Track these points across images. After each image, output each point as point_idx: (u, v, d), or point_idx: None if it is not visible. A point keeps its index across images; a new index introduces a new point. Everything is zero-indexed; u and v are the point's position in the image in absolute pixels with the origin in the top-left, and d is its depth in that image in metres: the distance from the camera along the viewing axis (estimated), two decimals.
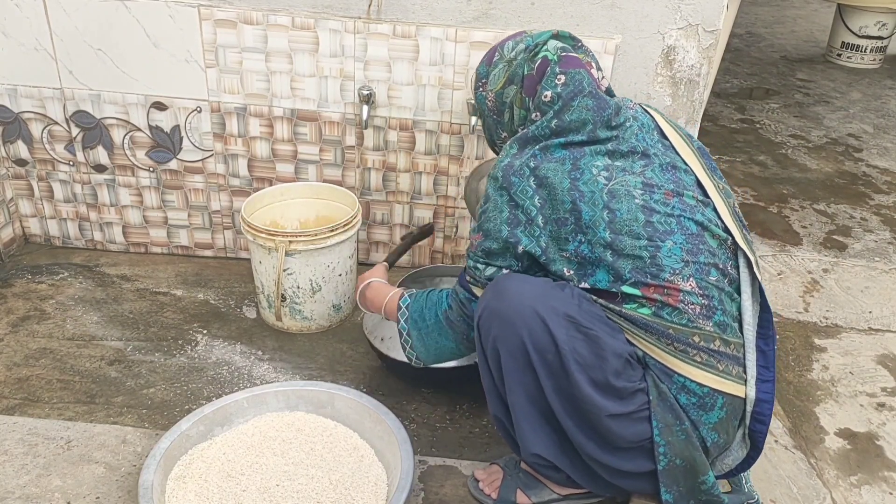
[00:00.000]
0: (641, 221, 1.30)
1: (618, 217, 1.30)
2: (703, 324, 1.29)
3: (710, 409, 1.31)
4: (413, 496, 1.55)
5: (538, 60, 1.42)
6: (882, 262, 2.61)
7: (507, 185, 1.35)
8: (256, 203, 2.09)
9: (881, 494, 1.65)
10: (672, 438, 1.30)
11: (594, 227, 1.30)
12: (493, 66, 1.49)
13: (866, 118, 4.15)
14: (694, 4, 1.95)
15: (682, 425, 1.30)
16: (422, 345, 1.54)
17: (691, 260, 1.30)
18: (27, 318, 2.07)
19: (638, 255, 1.29)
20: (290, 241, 1.91)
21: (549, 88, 1.39)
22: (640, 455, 1.33)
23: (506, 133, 1.51)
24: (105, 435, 1.67)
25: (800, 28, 6.34)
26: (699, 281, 1.30)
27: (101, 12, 2.04)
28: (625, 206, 1.30)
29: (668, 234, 1.30)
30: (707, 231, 1.34)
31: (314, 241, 1.93)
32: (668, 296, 1.28)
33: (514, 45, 1.47)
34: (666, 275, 1.28)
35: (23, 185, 2.32)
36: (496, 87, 1.48)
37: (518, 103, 1.46)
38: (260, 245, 1.95)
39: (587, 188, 1.31)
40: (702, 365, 1.29)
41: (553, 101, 1.38)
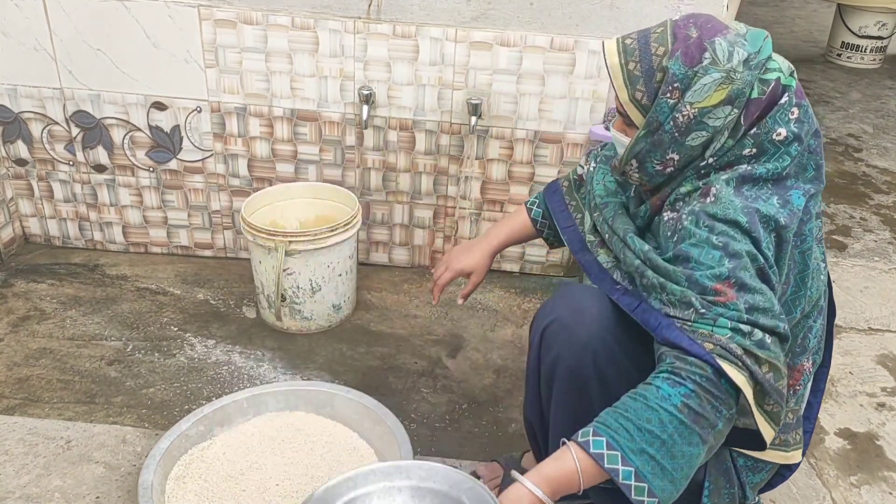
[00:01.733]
0: (818, 296, 1.18)
1: (810, 296, 1.16)
2: (791, 401, 1.23)
3: (759, 471, 1.29)
4: None
5: (770, 82, 1.12)
6: (882, 262, 2.61)
7: (757, 235, 1.07)
8: (256, 203, 2.09)
9: (881, 494, 1.65)
10: (718, 500, 1.25)
11: (792, 306, 1.14)
12: (700, 70, 1.11)
13: (866, 118, 4.15)
14: (694, 4, 1.95)
15: (731, 489, 1.26)
16: (662, 474, 1.00)
17: (820, 339, 1.22)
18: (27, 318, 2.07)
19: (795, 333, 1.17)
20: (290, 241, 1.91)
21: (782, 125, 1.11)
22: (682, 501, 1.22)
23: (678, 156, 1.15)
24: (105, 435, 1.67)
25: (799, 28, 6.34)
26: (813, 361, 1.23)
27: (101, 12, 2.04)
28: (815, 283, 1.16)
29: (820, 313, 1.20)
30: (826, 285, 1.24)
31: (314, 241, 1.93)
32: (789, 379, 1.17)
33: (731, 49, 1.11)
34: (801, 358, 1.19)
35: (23, 184, 2.32)
36: (703, 101, 1.10)
37: (731, 129, 1.13)
38: (260, 245, 1.95)
39: (801, 259, 1.13)
40: (780, 447, 1.25)
41: (786, 142, 1.12)
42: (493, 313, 2.20)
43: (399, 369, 1.94)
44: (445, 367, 1.96)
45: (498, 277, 2.37)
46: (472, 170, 2.21)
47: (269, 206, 2.14)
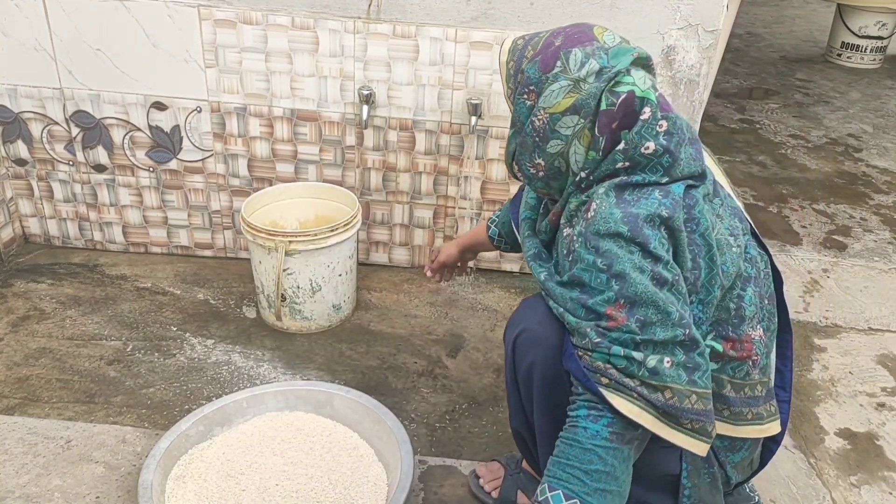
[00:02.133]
0: (737, 271, 1.19)
1: (725, 271, 1.17)
2: (754, 373, 1.23)
3: (738, 450, 1.29)
4: (413, 496, 1.55)
5: (621, 94, 1.14)
6: (881, 262, 2.61)
7: (643, 239, 1.09)
8: (256, 203, 2.09)
9: (881, 494, 1.65)
10: (698, 481, 1.27)
11: (709, 286, 1.16)
12: (551, 76, 1.16)
13: (866, 118, 4.15)
14: (694, 4, 1.95)
15: (710, 469, 1.27)
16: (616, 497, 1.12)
17: (759, 305, 1.23)
18: (27, 317, 2.07)
19: (727, 306, 1.19)
20: (289, 241, 1.91)
21: (650, 139, 1.14)
22: (665, 491, 1.28)
23: (542, 162, 1.21)
24: (104, 435, 1.67)
25: (799, 28, 6.34)
26: (763, 327, 1.24)
27: (101, 12, 2.04)
28: (728, 258, 1.18)
29: (748, 280, 1.21)
30: (761, 259, 1.27)
31: (314, 240, 1.93)
32: (741, 351, 1.20)
33: (585, 60, 1.15)
34: (744, 327, 1.20)
35: (23, 184, 2.32)
36: (552, 107, 1.16)
37: (584, 141, 1.17)
38: (260, 245, 1.95)
39: (703, 241, 1.15)
40: (753, 421, 1.25)
41: (657, 154, 1.14)
42: (493, 313, 2.20)
43: (399, 369, 1.94)
44: (445, 367, 1.96)
45: (498, 277, 2.37)
46: (472, 170, 2.22)
47: (268, 206, 2.14)
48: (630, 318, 1.08)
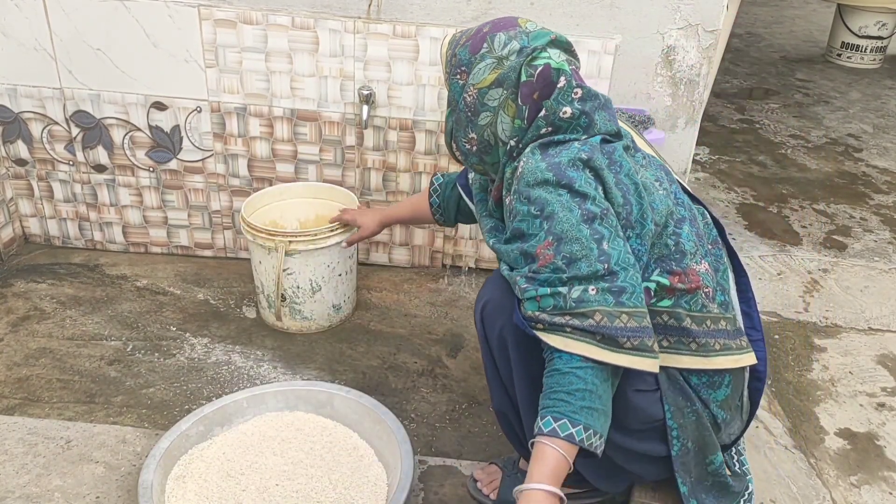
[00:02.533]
0: (669, 209, 1.30)
1: (656, 208, 1.28)
2: (712, 306, 1.31)
3: (717, 387, 1.33)
4: (413, 496, 1.55)
5: (538, 67, 1.28)
6: (882, 262, 2.61)
7: (567, 181, 1.20)
8: (256, 203, 2.09)
9: (881, 494, 1.65)
10: (683, 421, 1.31)
11: (643, 221, 1.26)
12: (478, 56, 1.32)
13: (866, 118, 4.15)
14: (694, 4, 1.95)
15: (692, 406, 1.32)
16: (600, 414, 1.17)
17: (699, 244, 1.32)
18: (27, 317, 2.07)
19: (665, 243, 1.28)
20: (290, 241, 1.91)
21: (567, 104, 1.27)
22: (654, 437, 1.33)
23: (475, 135, 1.35)
24: (105, 435, 1.67)
25: (799, 28, 6.34)
26: (708, 263, 1.33)
27: (101, 12, 2.04)
28: (656, 197, 1.29)
29: (682, 220, 1.31)
30: (698, 212, 1.38)
31: (314, 240, 1.93)
32: (689, 283, 1.28)
33: (507, 41, 1.31)
34: (686, 261, 1.29)
35: (23, 184, 2.32)
36: (480, 82, 1.31)
37: (509, 111, 1.31)
38: (260, 245, 1.95)
39: (629, 181, 1.27)
40: (722, 352, 1.31)
41: (574, 117, 1.28)
42: None
43: (399, 369, 1.94)
44: (445, 367, 1.96)
45: None
46: None
47: (268, 206, 2.14)
48: (557, 256, 1.18)
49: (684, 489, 1.35)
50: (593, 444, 1.15)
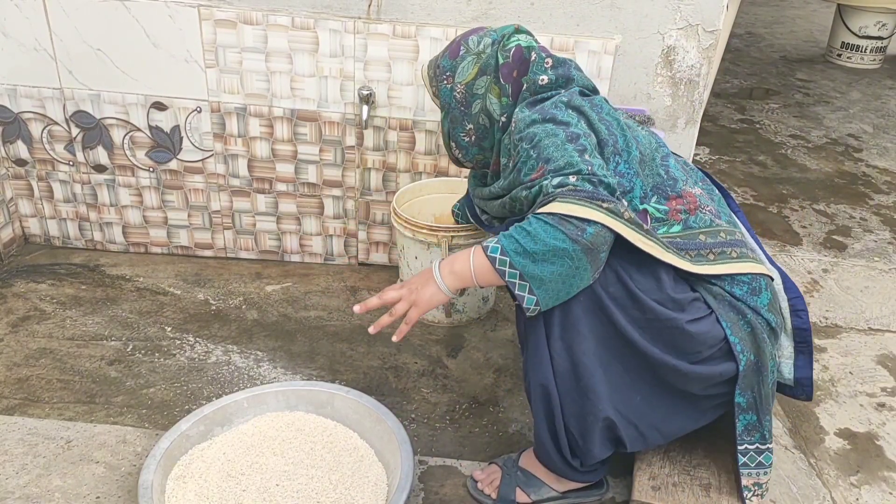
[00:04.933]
0: (654, 145, 1.46)
1: (640, 141, 1.43)
2: (719, 222, 1.43)
3: (759, 292, 1.40)
4: (413, 496, 1.55)
5: (511, 48, 1.50)
6: (882, 262, 2.61)
7: (551, 116, 1.37)
8: (400, 200, 2.12)
9: (881, 494, 1.65)
10: (742, 334, 1.37)
11: (628, 149, 1.40)
12: (459, 58, 1.53)
13: (866, 118, 4.15)
14: (694, 4, 1.95)
15: (745, 318, 1.38)
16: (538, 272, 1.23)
17: (687, 172, 1.49)
18: (27, 318, 2.07)
19: (657, 172, 1.42)
20: (451, 237, 1.94)
21: (542, 73, 1.46)
22: (723, 357, 1.37)
23: (471, 125, 1.55)
24: (105, 435, 1.67)
25: (799, 28, 6.34)
26: (701, 188, 1.47)
27: (101, 12, 2.04)
28: (639, 133, 1.45)
29: (668, 155, 1.48)
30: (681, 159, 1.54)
31: (475, 234, 1.95)
32: (688, 203, 1.40)
33: (480, 39, 1.54)
34: (680, 185, 1.42)
35: (23, 185, 2.32)
36: (465, 78, 1.53)
37: (494, 92, 1.51)
38: (420, 241, 1.98)
39: (611, 118, 1.42)
40: (739, 259, 1.40)
41: (552, 82, 1.46)
42: (494, 313, 2.20)
43: (399, 369, 1.94)
44: (446, 367, 1.96)
45: None
46: None
47: (408, 203, 2.16)
48: (547, 171, 1.30)
49: (741, 399, 1.40)
50: (496, 259, 1.25)
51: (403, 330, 1.36)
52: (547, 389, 1.38)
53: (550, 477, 1.53)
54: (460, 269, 1.32)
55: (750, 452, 1.44)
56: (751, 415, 1.42)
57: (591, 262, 1.24)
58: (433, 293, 1.34)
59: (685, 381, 1.38)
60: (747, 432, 1.43)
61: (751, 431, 1.43)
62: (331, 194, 2.28)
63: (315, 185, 2.27)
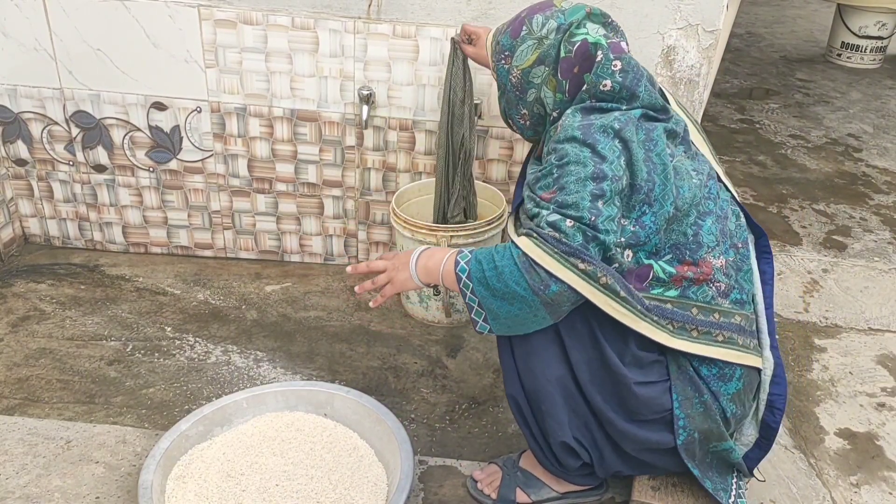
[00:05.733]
0: (696, 199, 1.33)
1: (681, 194, 1.30)
2: (722, 301, 1.35)
3: (728, 379, 1.36)
4: (413, 496, 1.55)
5: (576, 42, 1.36)
6: (882, 263, 2.61)
7: (592, 141, 1.26)
8: (400, 200, 2.12)
9: (881, 494, 1.65)
10: (691, 411, 1.34)
11: (662, 201, 1.28)
12: (519, 39, 1.40)
13: (866, 118, 4.15)
14: (694, 4, 1.95)
15: (701, 398, 1.34)
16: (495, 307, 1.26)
17: (721, 240, 1.36)
18: (27, 318, 2.07)
19: (684, 231, 1.31)
20: (451, 236, 1.93)
21: (606, 77, 1.34)
22: (664, 427, 1.35)
23: (526, 111, 1.45)
24: (105, 435, 1.67)
25: (799, 28, 6.34)
26: (727, 260, 1.36)
27: (101, 12, 2.04)
28: (686, 184, 1.32)
29: (707, 214, 1.35)
30: (731, 213, 1.42)
31: (473, 234, 1.95)
32: (700, 273, 1.31)
33: (545, 21, 1.39)
34: (703, 252, 1.32)
35: (23, 185, 2.32)
36: (523, 64, 1.40)
37: (550, 86, 1.40)
38: (419, 241, 1.97)
39: (659, 161, 1.29)
40: (724, 344, 1.34)
41: (615, 91, 1.33)
42: None
43: (399, 369, 1.94)
44: (445, 368, 1.96)
45: None
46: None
47: (408, 203, 2.16)
48: (552, 200, 1.25)
49: (696, 472, 1.38)
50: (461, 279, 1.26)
51: (379, 300, 1.42)
52: (518, 402, 1.42)
53: (550, 477, 1.53)
54: (432, 268, 1.34)
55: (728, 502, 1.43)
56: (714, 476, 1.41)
57: (551, 313, 1.24)
58: (406, 279, 1.38)
59: (619, 436, 1.36)
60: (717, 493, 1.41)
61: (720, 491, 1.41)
62: (331, 194, 2.28)
63: (315, 185, 2.27)
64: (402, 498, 1.39)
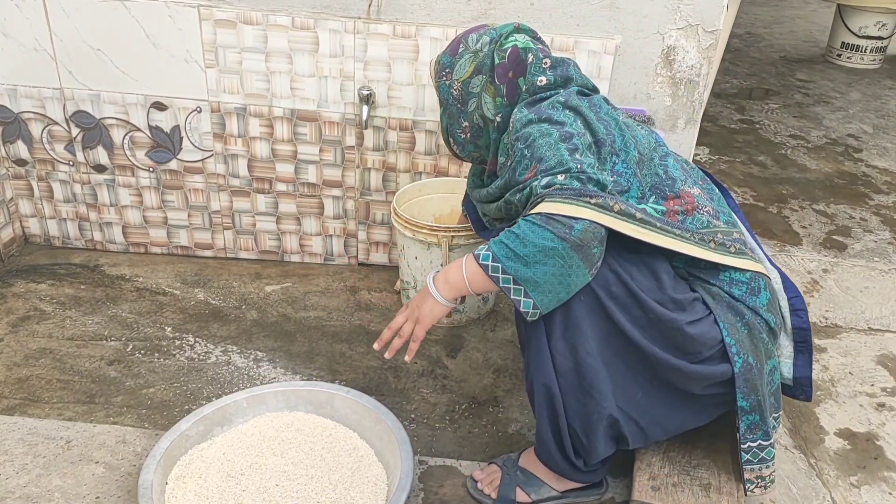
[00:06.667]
0: (651, 144, 1.46)
1: (639, 141, 1.43)
2: (717, 223, 1.42)
3: (758, 292, 1.41)
4: (413, 496, 1.55)
5: (507, 49, 1.49)
6: (882, 263, 2.61)
7: (547, 116, 1.38)
8: (400, 200, 2.12)
9: (881, 494, 1.65)
10: (739, 335, 1.38)
11: (626, 149, 1.40)
12: (458, 56, 1.54)
13: (866, 118, 4.15)
14: (694, 4, 1.95)
15: (743, 319, 1.39)
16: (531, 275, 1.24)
17: (687, 173, 1.48)
18: (27, 318, 2.07)
19: (655, 172, 1.42)
20: (451, 236, 1.94)
21: (540, 74, 1.46)
22: (720, 359, 1.38)
23: (467, 123, 1.56)
24: (105, 435, 1.67)
25: (799, 28, 6.34)
26: (700, 188, 1.47)
27: (101, 12, 2.04)
28: (638, 132, 1.46)
29: (667, 155, 1.48)
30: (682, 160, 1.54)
31: (473, 234, 1.95)
32: (686, 204, 1.40)
33: (479, 38, 1.54)
34: (678, 185, 1.42)
35: (23, 185, 2.32)
36: (462, 76, 1.53)
37: (489, 92, 1.51)
38: (420, 241, 1.97)
39: (609, 117, 1.42)
40: (737, 254, 1.41)
41: (551, 83, 1.46)
42: (493, 313, 2.20)
43: (399, 369, 1.94)
44: (445, 367, 1.96)
45: None
46: None
47: (409, 203, 2.16)
48: (538, 172, 1.31)
49: (744, 403, 1.39)
50: (489, 266, 1.27)
51: (413, 348, 1.42)
52: (550, 390, 1.39)
53: (550, 476, 1.53)
54: (454, 280, 1.35)
55: (753, 449, 1.44)
56: (754, 416, 1.42)
57: (584, 258, 1.24)
58: (432, 306, 1.38)
59: (685, 380, 1.39)
60: (750, 431, 1.43)
61: (753, 430, 1.43)
62: (331, 194, 2.28)
63: (315, 185, 2.27)
64: (402, 498, 1.39)
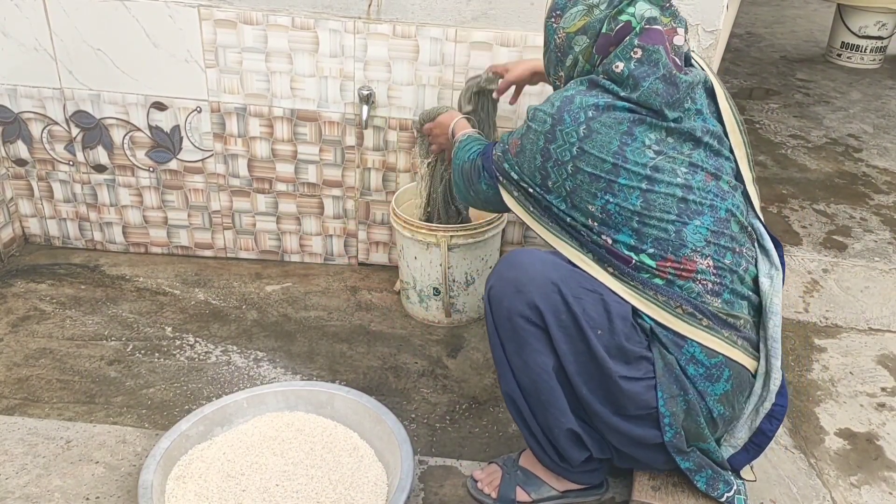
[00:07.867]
0: (678, 197, 1.31)
1: (655, 190, 1.30)
2: (711, 300, 1.34)
3: (716, 380, 1.35)
4: (413, 496, 1.55)
5: (620, 23, 1.32)
6: (882, 263, 2.61)
7: (558, 118, 1.32)
8: (400, 200, 2.12)
9: (881, 494, 1.65)
10: (676, 409, 1.33)
11: (627, 193, 1.29)
12: (571, 2, 1.39)
13: (866, 118, 4.15)
14: (694, 4, 1.95)
15: (686, 396, 1.33)
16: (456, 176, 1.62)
17: (713, 241, 1.33)
18: (27, 318, 2.07)
19: (664, 228, 1.30)
20: (451, 236, 1.94)
21: (622, 60, 1.31)
22: (649, 423, 1.35)
23: (563, 73, 1.44)
24: (105, 435, 1.67)
25: (799, 28, 6.34)
26: (716, 261, 1.34)
27: (101, 12, 2.04)
28: (666, 180, 1.30)
29: (698, 214, 1.32)
30: (734, 217, 1.38)
31: (474, 234, 1.95)
32: (682, 270, 1.32)
33: None
34: (687, 250, 1.31)
35: (23, 185, 2.32)
36: (569, 28, 1.38)
37: (585, 56, 1.38)
38: (418, 241, 1.98)
39: (632, 156, 1.29)
40: (708, 329, 1.33)
41: (623, 75, 1.31)
42: None
43: (399, 369, 1.94)
44: (445, 367, 1.96)
45: None
46: None
47: (408, 203, 2.16)
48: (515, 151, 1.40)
49: (688, 465, 1.38)
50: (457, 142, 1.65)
51: None
52: (514, 399, 1.42)
53: (550, 476, 1.53)
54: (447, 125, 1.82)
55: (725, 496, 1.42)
56: (706, 471, 1.41)
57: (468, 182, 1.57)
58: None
59: (606, 429, 1.38)
60: (711, 488, 1.41)
61: (713, 485, 1.42)
62: (331, 194, 2.28)
63: (315, 185, 2.27)
64: (402, 498, 1.39)
